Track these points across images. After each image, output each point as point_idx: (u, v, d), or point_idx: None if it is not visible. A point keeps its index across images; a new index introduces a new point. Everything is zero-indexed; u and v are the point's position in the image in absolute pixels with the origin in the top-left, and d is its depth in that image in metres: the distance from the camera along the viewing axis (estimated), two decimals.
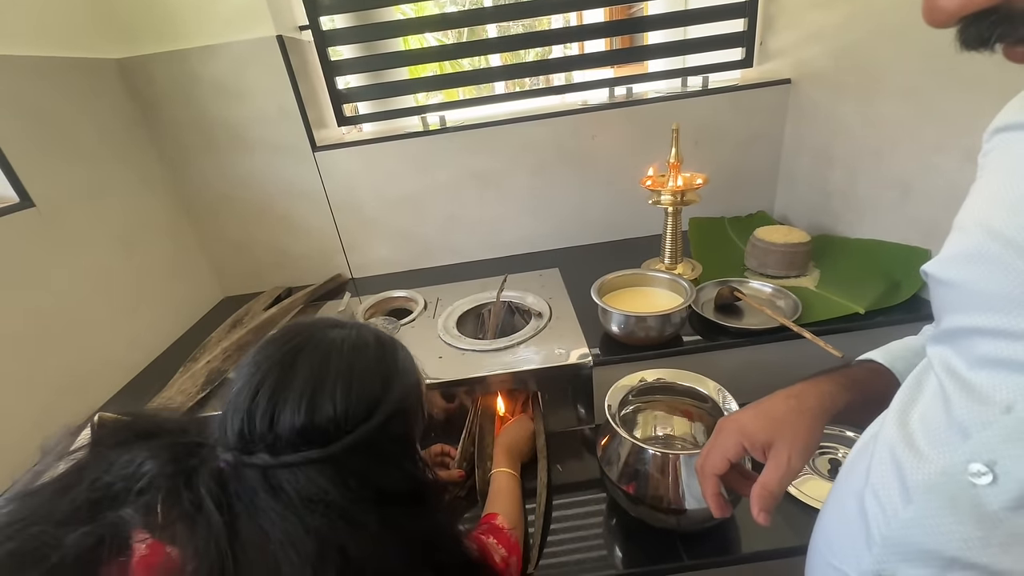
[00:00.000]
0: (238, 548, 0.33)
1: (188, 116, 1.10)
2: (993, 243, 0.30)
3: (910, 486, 0.34)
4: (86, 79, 0.98)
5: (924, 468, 0.33)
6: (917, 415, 0.36)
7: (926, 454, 0.34)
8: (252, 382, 0.38)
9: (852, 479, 0.40)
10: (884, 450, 0.37)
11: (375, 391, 0.41)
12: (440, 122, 1.22)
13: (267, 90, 1.09)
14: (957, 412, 0.32)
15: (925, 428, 0.35)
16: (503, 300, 1.03)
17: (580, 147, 1.21)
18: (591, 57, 1.29)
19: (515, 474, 0.71)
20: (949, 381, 0.34)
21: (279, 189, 1.19)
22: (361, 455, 0.38)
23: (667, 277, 0.91)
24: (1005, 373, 0.30)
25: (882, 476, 0.36)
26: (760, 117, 1.20)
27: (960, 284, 0.32)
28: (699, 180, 0.95)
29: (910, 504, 0.34)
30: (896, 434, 0.36)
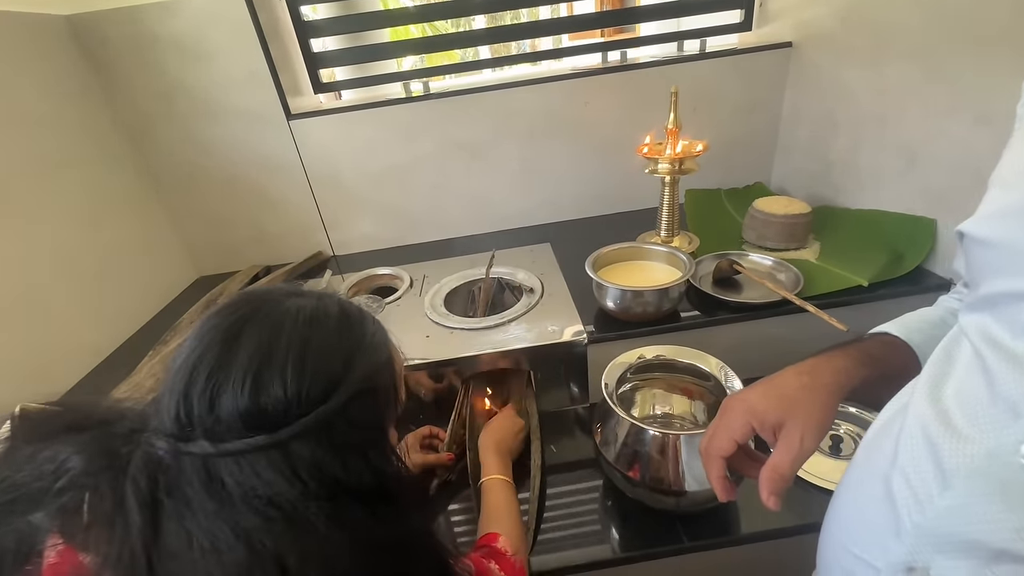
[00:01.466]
0: (154, 555, 0.28)
1: (148, 80, 1.02)
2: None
3: (947, 469, 0.31)
4: (32, 37, 0.89)
5: (965, 449, 0.30)
6: (951, 390, 0.33)
7: (966, 434, 0.30)
8: (191, 358, 0.33)
9: (876, 459, 0.37)
10: (915, 429, 0.34)
11: (335, 369, 0.35)
12: (424, 88, 1.15)
13: (233, 51, 1.01)
14: (1003, 387, 0.29)
15: (963, 405, 0.32)
16: (493, 276, 0.99)
17: (572, 115, 1.15)
18: (580, 19, 1.22)
19: (508, 480, 0.65)
20: (991, 352, 0.31)
21: (252, 160, 1.12)
22: (316, 443, 0.32)
23: (664, 250, 0.87)
24: None
25: (913, 457, 0.33)
26: (759, 83, 1.14)
27: (1004, 244, 0.30)
28: (699, 147, 0.90)
29: (948, 489, 0.31)
30: (928, 411, 0.33)
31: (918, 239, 0.82)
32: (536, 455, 0.73)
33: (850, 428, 0.71)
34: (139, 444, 0.32)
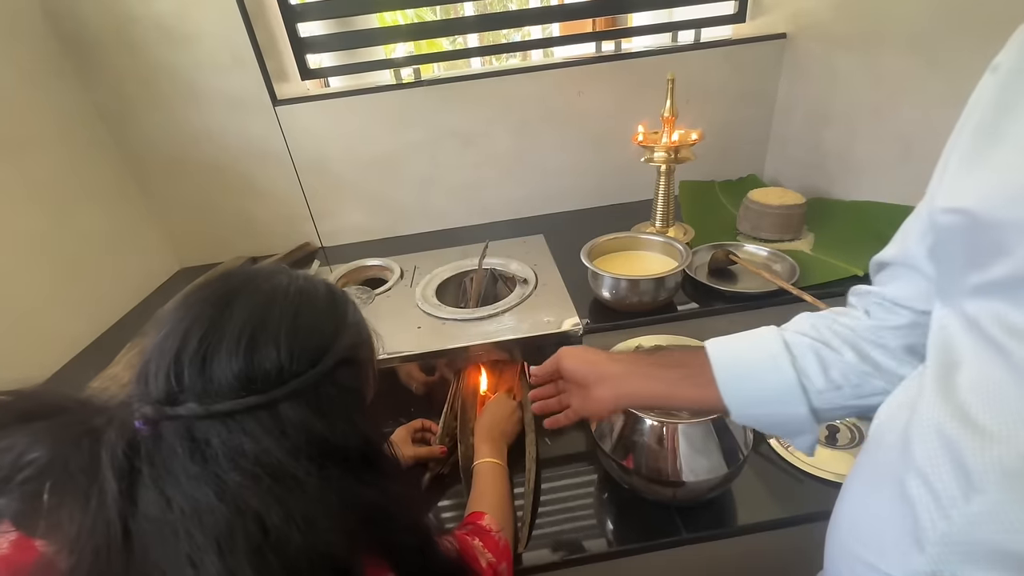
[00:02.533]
0: (132, 523, 0.28)
1: (127, 63, 0.98)
2: None
3: (972, 471, 0.29)
4: (2, 20, 0.84)
5: (992, 450, 0.28)
6: (966, 383, 0.31)
7: (993, 432, 0.28)
8: (181, 325, 0.33)
9: (886, 457, 0.35)
10: (927, 426, 0.32)
11: (324, 337, 0.36)
12: (414, 75, 1.12)
13: (217, 33, 0.97)
14: None
15: (986, 399, 0.29)
16: (485, 267, 0.97)
17: (565, 104, 1.13)
18: (574, 8, 1.20)
19: (500, 463, 0.65)
20: (1012, 341, 0.28)
21: (237, 147, 1.09)
22: (305, 404, 0.33)
23: (660, 240, 0.86)
24: None
25: (930, 457, 0.31)
26: (753, 74, 1.14)
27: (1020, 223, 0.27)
28: (694, 135, 0.89)
29: (978, 493, 0.28)
30: (942, 407, 0.31)
31: None
32: (531, 448, 0.71)
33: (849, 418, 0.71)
34: (112, 418, 0.31)
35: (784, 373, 0.42)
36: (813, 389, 0.42)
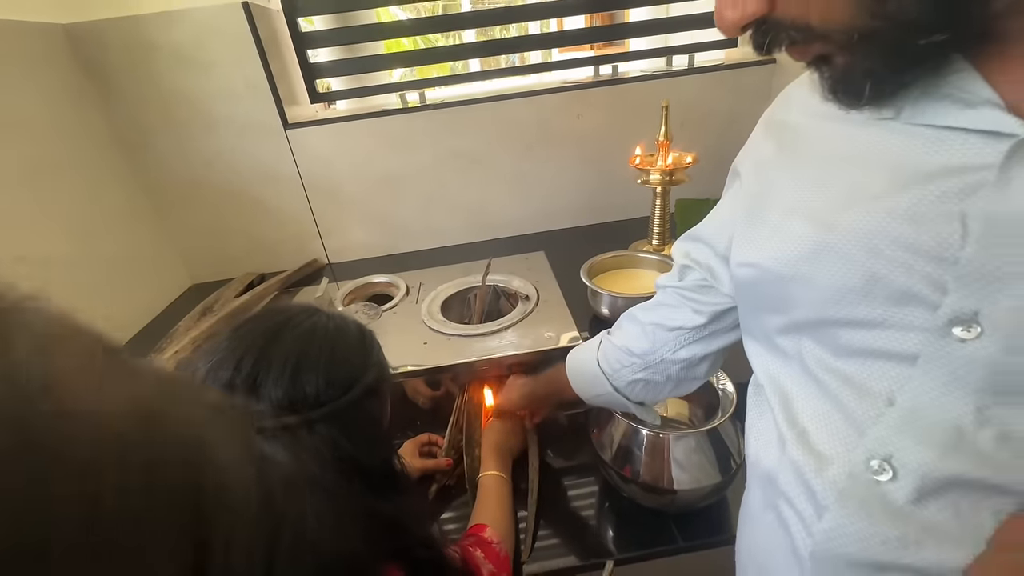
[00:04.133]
0: None
1: (145, 90, 1.02)
2: (831, 237, 0.31)
3: (816, 491, 0.32)
4: (28, 46, 0.89)
5: (828, 472, 0.32)
6: (803, 413, 0.35)
7: (827, 454, 0.32)
8: (236, 352, 0.39)
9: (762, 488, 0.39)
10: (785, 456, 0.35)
11: (355, 369, 0.43)
12: (419, 99, 1.17)
13: (233, 62, 1.02)
14: (847, 406, 0.31)
15: (819, 426, 0.33)
16: (489, 284, 1.00)
17: (565, 126, 1.18)
18: (571, 34, 1.25)
19: (504, 476, 0.67)
20: (824, 373, 0.33)
21: (249, 169, 1.13)
22: (336, 426, 0.39)
23: (656, 258, 0.90)
24: (873, 363, 0.30)
25: (790, 483, 0.35)
26: (745, 97, 1.19)
27: (808, 279, 0.32)
28: (688, 159, 0.94)
29: (825, 511, 0.32)
30: (789, 437, 0.35)
31: None
32: (534, 459, 0.74)
33: None
34: None
35: (592, 365, 0.59)
36: (607, 372, 0.58)
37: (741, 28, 0.28)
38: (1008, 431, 0.27)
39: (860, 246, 0.29)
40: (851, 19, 0.25)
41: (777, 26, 0.27)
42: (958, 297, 0.27)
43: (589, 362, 0.60)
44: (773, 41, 0.28)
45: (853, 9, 0.25)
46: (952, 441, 0.28)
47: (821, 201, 0.32)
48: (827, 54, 0.28)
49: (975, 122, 0.26)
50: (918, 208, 0.28)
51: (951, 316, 0.27)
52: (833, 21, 0.25)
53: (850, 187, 0.31)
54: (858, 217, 0.30)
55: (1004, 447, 0.27)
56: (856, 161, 0.31)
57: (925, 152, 0.28)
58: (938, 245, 0.27)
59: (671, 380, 0.55)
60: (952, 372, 0.28)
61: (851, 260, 0.30)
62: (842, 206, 0.31)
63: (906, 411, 0.29)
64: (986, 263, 0.26)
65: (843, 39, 0.26)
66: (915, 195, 0.28)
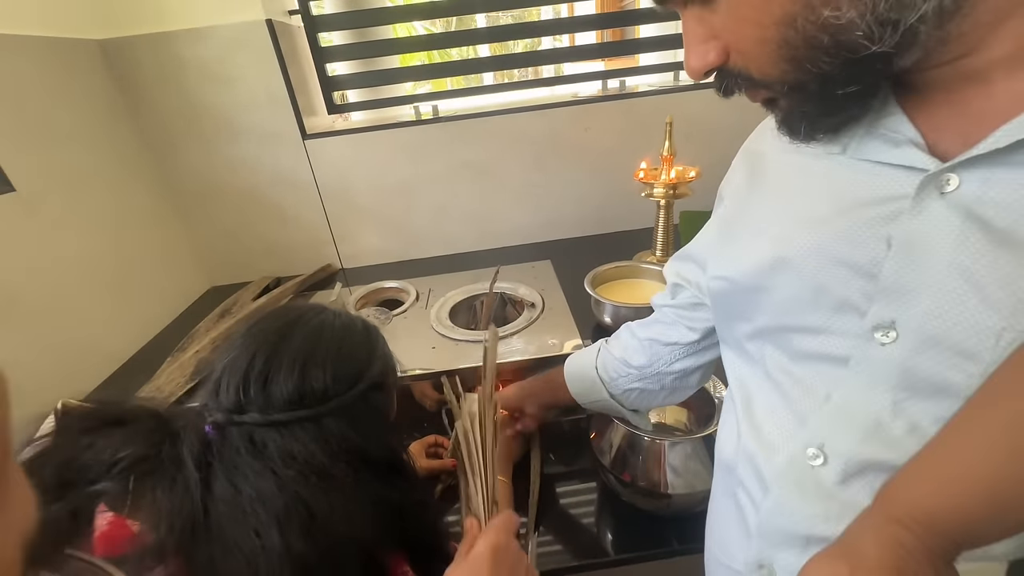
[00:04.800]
0: (210, 502, 0.35)
1: (173, 101, 1.08)
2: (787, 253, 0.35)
3: (766, 476, 0.38)
4: (66, 60, 0.95)
5: (774, 458, 0.37)
6: (759, 410, 0.40)
7: (775, 444, 0.38)
8: (249, 349, 0.41)
9: (725, 477, 0.45)
10: (742, 446, 0.41)
11: (360, 365, 0.45)
12: (433, 111, 1.21)
13: (256, 76, 1.07)
14: (794, 403, 0.37)
15: (770, 420, 0.39)
16: (496, 291, 1.03)
17: (573, 139, 1.21)
18: (582, 49, 1.29)
19: (504, 479, 0.69)
20: (780, 374, 0.38)
21: (268, 177, 1.18)
22: (344, 419, 0.41)
23: (659, 269, 0.92)
24: (818, 364, 0.35)
25: (744, 471, 0.40)
26: (751, 112, 1.19)
27: (768, 289, 0.37)
28: (692, 173, 0.96)
29: (769, 492, 0.37)
30: (746, 431, 0.40)
31: None
32: (536, 462, 0.76)
33: None
34: (188, 423, 0.39)
35: (590, 372, 0.63)
36: (605, 379, 0.62)
37: (704, 74, 0.33)
38: (916, 422, 0.32)
39: (809, 262, 0.34)
40: (781, 74, 0.30)
41: (729, 75, 0.32)
42: (880, 307, 0.32)
43: (587, 368, 0.64)
44: (730, 86, 0.33)
45: (781, 66, 0.30)
46: (872, 431, 0.33)
47: (780, 223, 0.37)
48: (772, 97, 0.33)
49: (899, 158, 0.31)
50: (853, 231, 0.32)
51: (874, 323, 0.32)
52: (768, 75, 0.31)
53: (802, 211, 0.36)
54: (808, 237, 0.35)
55: (912, 436, 0.32)
56: (809, 189, 0.36)
57: (863, 183, 0.33)
58: (868, 262, 0.32)
59: (665, 389, 0.59)
60: (874, 372, 0.32)
61: (802, 274, 0.35)
62: (796, 228, 0.36)
63: (838, 406, 0.34)
64: (900, 277, 0.31)
65: (779, 88, 0.31)
66: (852, 219, 0.33)
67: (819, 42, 0.27)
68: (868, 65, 0.28)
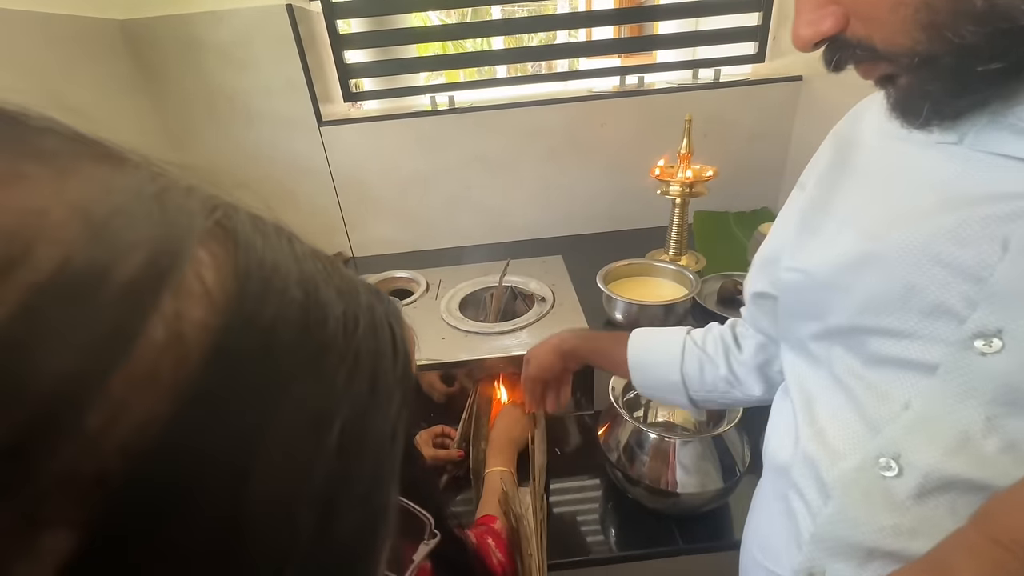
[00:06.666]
0: None
1: (192, 84, 1.08)
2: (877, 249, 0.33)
3: (827, 482, 0.36)
4: (87, 39, 0.95)
5: (839, 464, 0.35)
6: (822, 413, 0.38)
7: (840, 450, 0.35)
8: None
9: (776, 479, 0.43)
10: (800, 451, 0.39)
11: None
12: (449, 102, 1.21)
13: (274, 60, 1.07)
14: (866, 409, 0.34)
15: (836, 425, 0.36)
16: (506, 284, 1.03)
17: (588, 134, 1.20)
18: (600, 44, 1.28)
19: (509, 471, 0.70)
20: (850, 378, 0.36)
21: (283, 162, 1.18)
22: None
23: (672, 268, 0.91)
24: (897, 370, 0.33)
25: (802, 474, 0.38)
26: (770, 113, 1.19)
27: (848, 287, 0.34)
28: (709, 172, 0.95)
29: (830, 500, 0.35)
30: (806, 435, 0.38)
31: None
32: (541, 457, 0.76)
33: None
34: None
35: (673, 376, 0.56)
36: (691, 388, 0.56)
37: (814, 45, 0.30)
38: (1014, 440, 0.29)
39: (902, 260, 0.31)
40: (913, 44, 0.26)
41: (846, 45, 0.29)
42: (984, 313, 0.29)
43: (666, 367, 0.57)
44: (842, 59, 0.30)
45: (915, 34, 0.26)
46: (958, 446, 0.30)
47: (872, 215, 0.34)
48: (892, 74, 0.29)
49: None
50: (962, 229, 0.29)
51: (976, 330, 0.29)
52: (896, 44, 0.27)
53: (901, 204, 0.33)
54: (905, 233, 0.31)
55: (1008, 455, 0.29)
56: (911, 180, 0.33)
57: (979, 177, 0.29)
58: (976, 264, 0.29)
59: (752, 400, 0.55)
60: (967, 383, 0.30)
61: (891, 272, 0.32)
62: (891, 221, 0.32)
63: (919, 416, 0.32)
64: (1015, 283, 0.28)
65: (905, 61, 0.27)
66: (962, 217, 0.29)
67: (970, 6, 0.24)
68: (1021, 38, 0.24)
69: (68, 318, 0.09)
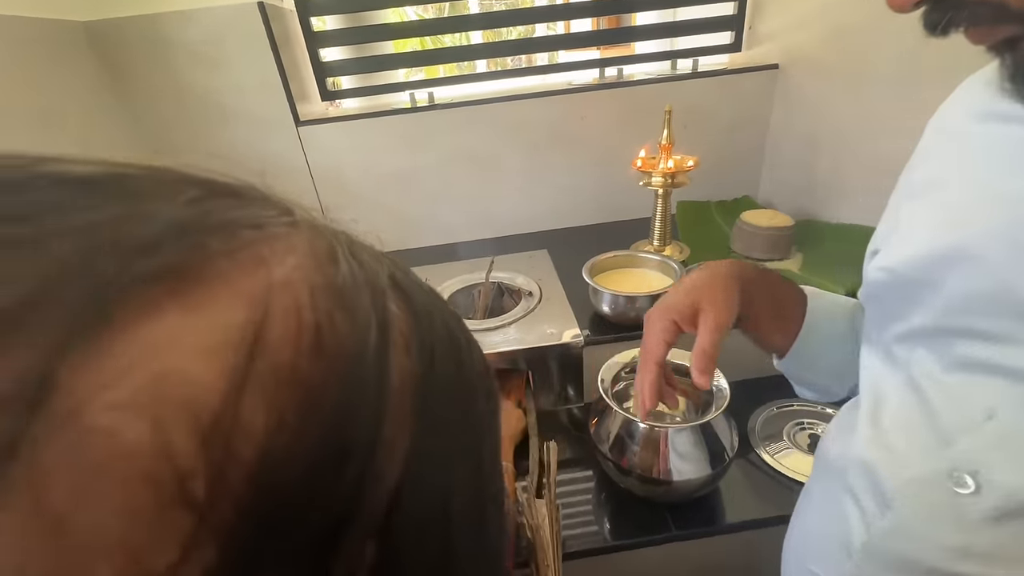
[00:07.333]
0: None
1: (162, 83, 1.05)
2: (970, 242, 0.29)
3: (887, 491, 0.33)
4: (50, 41, 0.92)
5: (902, 473, 0.32)
6: (889, 415, 0.35)
7: (905, 459, 0.33)
8: None
9: (829, 480, 0.40)
10: (859, 450, 0.36)
11: None
12: (428, 99, 1.19)
13: (247, 60, 1.04)
14: (940, 417, 0.31)
15: (903, 431, 0.34)
16: (493, 281, 1.03)
17: (570, 128, 1.20)
18: (578, 37, 1.27)
19: (506, 464, 0.71)
20: (927, 382, 0.33)
21: (260, 163, 1.14)
22: None
23: (657, 258, 0.92)
24: (984, 376, 0.29)
25: (858, 478, 0.36)
26: (748, 101, 1.21)
27: (936, 284, 0.31)
28: (690, 162, 0.96)
29: (889, 511, 0.32)
30: (869, 438, 0.35)
31: None
32: (534, 450, 0.77)
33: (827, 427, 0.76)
34: None
35: (842, 327, 0.47)
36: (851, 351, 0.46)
37: (915, 4, 0.26)
38: None
39: (999, 253, 0.28)
40: None
41: (961, 4, 0.25)
42: None
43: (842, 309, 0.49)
44: (952, 21, 0.26)
45: None
46: None
47: (966, 205, 0.30)
48: (1016, 37, 0.25)
49: None
50: None
51: None
52: None
53: (1001, 192, 0.29)
54: (1002, 225, 0.28)
55: None
56: (1015, 165, 0.29)
57: None
58: None
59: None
60: None
61: (985, 267, 0.28)
62: (988, 212, 0.29)
63: (1005, 429, 0.28)
64: None
65: None
66: None
67: None
68: None
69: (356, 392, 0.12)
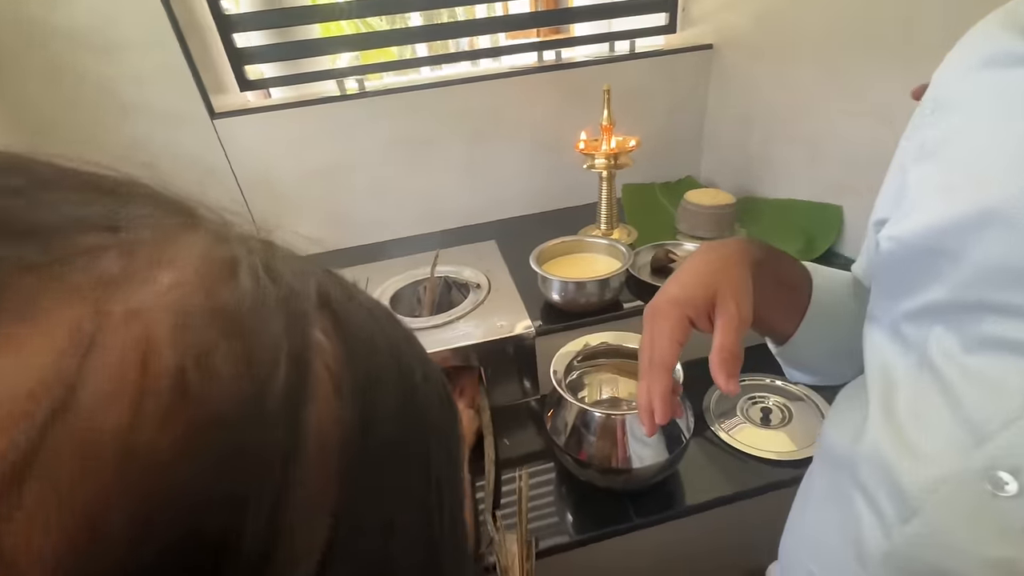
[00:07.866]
0: None
1: (45, 72, 0.92)
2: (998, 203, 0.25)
3: (908, 492, 0.29)
4: None
5: (925, 472, 0.28)
6: (904, 402, 0.31)
7: (929, 455, 0.28)
8: None
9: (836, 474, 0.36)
10: (870, 449, 0.32)
11: None
12: (359, 86, 1.12)
13: (146, 44, 0.93)
14: (966, 405, 0.27)
15: (922, 420, 0.30)
16: (438, 275, 0.98)
17: (511, 113, 1.17)
18: (514, 19, 1.23)
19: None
20: (946, 364, 0.29)
21: (172, 160, 1.04)
22: None
23: (604, 242, 0.90)
24: (1017, 357, 0.26)
25: (872, 476, 0.31)
26: (685, 82, 1.21)
27: (961, 253, 0.27)
28: (632, 142, 0.95)
29: (914, 515, 0.28)
30: (882, 431, 0.31)
31: (827, 224, 0.91)
32: (490, 450, 0.73)
33: (777, 399, 0.78)
34: None
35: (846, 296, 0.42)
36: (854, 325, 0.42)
37: None
38: None
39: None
40: None
41: None
42: None
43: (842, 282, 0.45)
44: None
45: None
46: None
47: (988, 160, 0.27)
48: None
49: None
50: None
51: None
52: None
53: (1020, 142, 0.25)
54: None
55: None
56: None
57: None
58: None
59: None
60: None
61: (1018, 232, 0.25)
62: (1012, 168, 0.25)
63: None
64: None
65: None
66: None
67: None
68: None
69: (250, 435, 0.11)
